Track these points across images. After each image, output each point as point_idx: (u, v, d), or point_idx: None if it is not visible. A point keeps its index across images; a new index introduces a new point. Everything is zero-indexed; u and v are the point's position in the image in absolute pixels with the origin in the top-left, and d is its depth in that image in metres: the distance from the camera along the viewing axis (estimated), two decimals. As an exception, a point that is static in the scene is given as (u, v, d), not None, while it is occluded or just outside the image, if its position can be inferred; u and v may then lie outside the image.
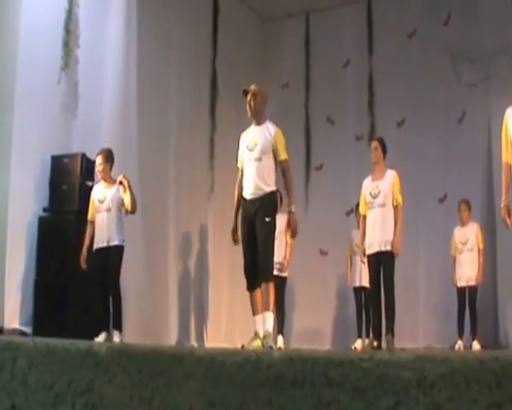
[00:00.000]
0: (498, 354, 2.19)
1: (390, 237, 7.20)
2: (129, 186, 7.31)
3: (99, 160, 7.48)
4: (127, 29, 8.74)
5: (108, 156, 7.51)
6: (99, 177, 7.56)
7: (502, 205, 5.49)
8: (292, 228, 6.22)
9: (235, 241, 6.43)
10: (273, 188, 6.25)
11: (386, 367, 2.18)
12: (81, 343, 3.00)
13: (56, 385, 2.83)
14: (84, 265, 7.22)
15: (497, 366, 2.10)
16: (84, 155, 7.69)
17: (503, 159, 5.55)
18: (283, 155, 6.27)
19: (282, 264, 9.13)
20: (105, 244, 7.30)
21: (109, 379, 2.71)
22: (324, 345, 10.55)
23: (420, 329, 10.24)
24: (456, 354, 2.18)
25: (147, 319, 8.39)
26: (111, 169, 7.52)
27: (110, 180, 7.53)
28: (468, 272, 9.19)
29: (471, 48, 10.72)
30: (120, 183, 7.36)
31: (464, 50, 10.78)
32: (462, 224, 9.39)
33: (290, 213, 6.20)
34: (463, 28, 10.73)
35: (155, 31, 9.25)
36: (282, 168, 6.29)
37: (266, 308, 6.10)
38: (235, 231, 6.42)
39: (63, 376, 2.83)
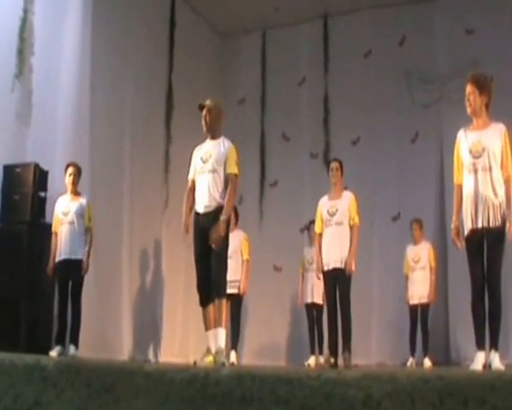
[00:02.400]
0: (443, 373, 2.20)
1: (346, 255, 7.24)
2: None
3: (72, 170, 7.48)
4: (82, 38, 8.64)
5: (79, 169, 7.57)
6: (68, 188, 7.54)
7: (452, 226, 5.55)
8: (215, 233, 6.05)
9: (186, 240, 6.30)
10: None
11: (334, 386, 2.18)
12: (29, 358, 2.93)
13: (3, 399, 2.76)
14: (50, 275, 7.18)
15: (441, 384, 2.12)
16: (37, 165, 7.56)
17: (455, 180, 5.62)
18: (233, 169, 6.21)
19: (238, 281, 9.09)
20: (68, 257, 7.28)
21: (57, 394, 2.65)
22: (278, 361, 10.52)
23: (373, 346, 10.30)
24: (402, 373, 2.19)
25: (100, 333, 8.27)
26: (78, 183, 7.55)
27: (77, 193, 7.56)
28: (420, 290, 9.28)
29: (425, 69, 10.91)
30: None
31: (418, 71, 10.95)
32: (415, 242, 9.50)
33: (221, 221, 6.06)
34: (418, 50, 10.92)
35: (110, 41, 9.16)
36: (228, 181, 6.21)
37: (219, 324, 6.06)
38: (186, 228, 6.29)
39: (10, 390, 2.77)
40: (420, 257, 9.41)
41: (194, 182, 6.38)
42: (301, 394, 2.16)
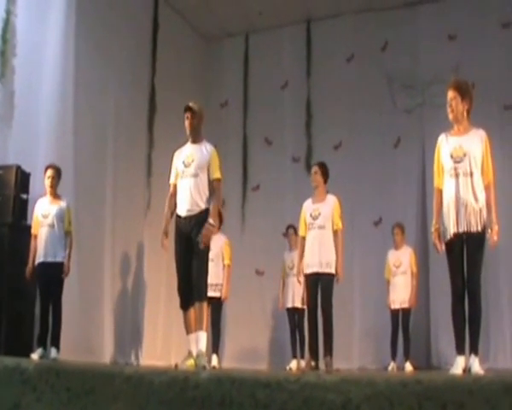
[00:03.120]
0: (421, 378, 2.21)
1: (328, 258, 7.24)
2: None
3: (51, 172, 7.46)
4: (65, 41, 8.60)
5: (59, 171, 7.54)
6: (47, 190, 7.51)
7: (433, 229, 5.59)
8: (205, 236, 6.09)
9: (164, 245, 6.34)
10: (208, 205, 6.22)
11: (313, 390, 2.18)
12: (8, 360, 2.91)
13: (-18, 402, 2.74)
14: (29, 277, 7.14)
15: (419, 388, 2.13)
16: (19, 167, 7.52)
17: (435, 184, 5.66)
18: (217, 174, 6.28)
19: (219, 285, 9.11)
20: (48, 260, 7.26)
21: (37, 397, 2.64)
22: (260, 365, 10.51)
23: (355, 350, 10.32)
24: (380, 377, 2.19)
25: (82, 336, 8.23)
26: (58, 185, 7.52)
27: (56, 196, 7.54)
28: (401, 294, 9.32)
29: (407, 74, 10.96)
30: None
31: (400, 77, 11.01)
32: (396, 247, 9.53)
33: (209, 224, 6.10)
34: (400, 55, 10.97)
35: (94, 44, 9.13)
36: (212, 187, 6.25)
37: (200, 328, 6.08)
38: (165, 234, 6.33)
39: (-11, 393, 2.75)
40: (401, 262, 9.44)
41: (175, 186, 6.40)
42: (280, 397, 2.16)
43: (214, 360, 8.99)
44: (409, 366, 9.09)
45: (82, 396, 2.55)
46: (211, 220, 6.10)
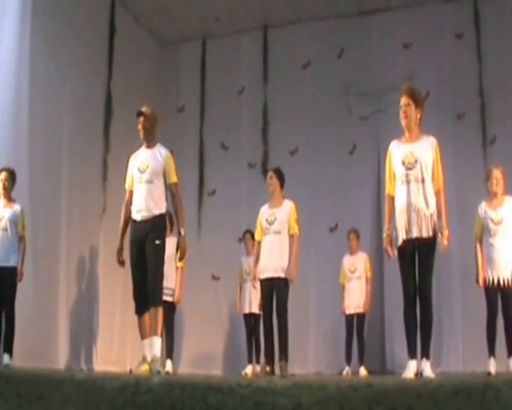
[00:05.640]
0: (372, 382, 2.23)
1: (284, 264, 7.27)
2: None
3: (4, 175, 7.40)
4: (20, 44, 8.48)
5: (13, 174, 7.47)
6: (1, 193, 7.45)
7: (384, 235, 5.65)
8: (181, 251, 6.19)
9: (121, 262, 6.38)
10: (163, 211, 6.25)
11: (264, 394, 2.19)
12: (-43, 367, 2.87)
13: None
14: None
15: (369, 392, 2.15)
16: (-30, 172, 7.43)
17: (387, 191, 5.75)
18: (173, 179, 6.31)
19: (172, 289, 9.10)
20: (1, 264, 7.19)
21: (-14, 404, 2.60)
22: (216, 370, 10.50)
23: (310, 355, 10.35)
24: (331, 381, 2.22)
25: (35, 342, 8.11)
26: (12, 189, 7.45)
27: (10, 199, 7.48)
28: (356, 299, 9.40)
29: (363, 82, 11.06)
30: None
31: (356, 84, 11.11)
32: (351, 252, 9.62)
33: (180, 235, 6.18)
34: (356, 63, 11.07)
35: (49, 46, 9.01)
36: (171, 191, 6.29)
37: (154, 333, 6.10)
38: (120, 251, 6.36)
39: None
40: (356, 267, 9.53)
41: (131, 192, 6.40)
42: (232, 402, 2.17)
43: (168, 366, 8.97)
44: (363, 371, 9.17)
45: (32, 402, 2.52)
46: (182, 231, 6.20)
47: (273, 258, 7.30)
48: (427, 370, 5.27)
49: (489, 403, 2.11)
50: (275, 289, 7.28)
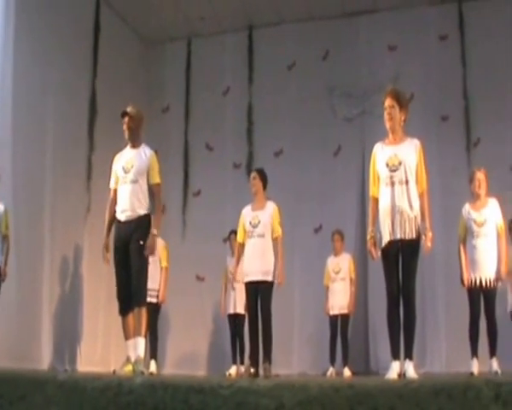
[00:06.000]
0: (354, 383, 2.24)
1: (268, 267, 7.28)
2: None
3: None
4: (3, 44, 8.44)
5: None
6: None
7: (368, 237, 5.67)
8: (149, 247, 6.14)
9: (106, 259, 6.35)
10: (148, 211, 6.23)
11: (246, 395, 2.19)
12: None
13: None
14: None
15: (351, 393, 2.16)
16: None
17: (371, 193, 5.76)
18: (156, 179, 6.31)
19: (156, 290, 9.09)
20: None
21: (-32, 405, 2.59)
22: (200, 371, 10.50)
23: (294, 356, 10.36)
24: (313, 382, 2.22)
25: (19, 342, 8.07)
26: None
27: None
28: (340, 300, 9.42)
29: (348, 83, 11.09)
30: None
31: (341, 86, 11.13)
32: (336, 254, 9.65)
33: (152, 235, 6.15)
34: (341, 64, 11.10)
35: (33, 46, 8.98)
36: (152, 192, 6.27)
37: (138, 333, 6.08)
38: (106, 248, 6.34)
39: None
40: (340, 268, 9.56)
41: (115, 192, 6.38)
42: (214, 403, 2.17)
43: (152, 366, 8.95)
44: (347, 372, 9.19)
45: (14, 403, 2.51)
46: (154, 231, 6.16)
47: (257, 261, 7.31)
48: (411, 371, 5.29)
49: (470, 403, 2.12)
50: (259, 293, 7.30)
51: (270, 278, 7.27)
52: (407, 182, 5.49)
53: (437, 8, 10.77)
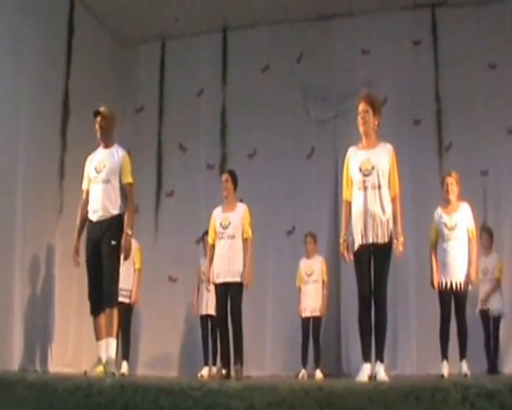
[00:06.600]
0: (323, 384, 2.25)
1: (239, 268, 7.31)
2: None
3: None
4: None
5: None
6: None
7: (341, 240, 5.70)
8: (125, 249, 6.13)
9: (77, 262, 6.33)
10: (120, 211, 6.21)
11: (216, 396, 2.20)
12: None
13: None
14: None
15: (321, 395, 2.18)
16: None
17: (344, 197, 5.80)
18: (128, 179, 6.29)
19: (129, 291, 9.07)
20: None
21: None
22: (172, 372, 10.48)
23: (267, 357, 10.38)
24: (283, 384, 2.24)
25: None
26: None
27: None
28: (312, 302, 9.44)
29: (321, 87, 11.13)
30: None
31: (315, 89, 11.16)
32: (308, 256, 9.66)
33: (126, 234, 6.13)
34: (315, 67, 11.13)
35: (4, 45, 8.91)
36: (125, 192, 6.25)
37: (110, 334, 6.06)
38: (76, 251, 6.32)
39: None
40: (313, 270, 9.57)
41: (88, 193, 6.36)
42: (184, 404, 2.17)
43: (124, 367, 8.92)
44: (319, 374, 9.20)
45: (-17, 404, 2.49)
46: (129, 231, 6.14)
47: (228, 262, 7.35)
48: (381, 373, 5.33)
49: (438, 405, 2.15)
50: (229, 294, 7.31)
51: (240, 279, 7.29)
52: (379, 186, 5.52)
53: (411, 13, 10.86)
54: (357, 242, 5.54)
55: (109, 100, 8.51)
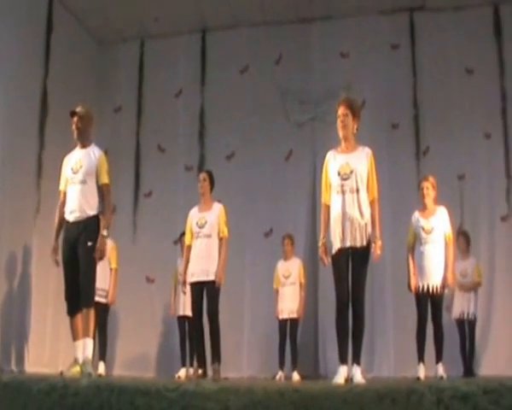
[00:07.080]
0: (299, 387, 2.26)
1: (214, 267, 7.29)
2: None
3: None
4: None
5: None
6: None
7: (320, 244, 5.72)
8: (99, 250, 6.11)
9: (56, 262, 6.30)
10: (96, 211, 6.19)
11: (191, 398, 2.20)
12: None
13: None
14: None
15: (296, 397, 2.18)
16: None
17: (323, 200, 5.81)
18: (105, 179, 6.27)
19: (105, 290, 9.03)
20: None
21: None
22: (149, 373, 10.45)
23: (244, 359, 10.36)
24: (258, 386, 2.24)
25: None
26: None
27: None
28: (289, 304, 9.45)
29: (300, 89, 11.15)
30: None
31: (293, 91, 11.19)
32: (286, 258, 9.67)
33: (102, 236, 6.12)
34: (294, 70, 11.16)
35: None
36: (101, 192, 6.24)
37: (86, 334, 6.04)
38: (55, 251, 6.29)
39: None
40: (290, 273, 9.58)
41: (65, 194, 6.35)
42: (159, 405, 2.17)
43: (101, 368, 8.88)
44: (296, 376, 9.21)
45: (-44, 405, 2.47)
46: (104, 232, 6.12)
47: (203, 261, 7.34)
48: (358, 375, 5.34)
49: (413, 408, 2.16)
50: (205, 293, 7.30)
51: (215, 278, 7.28)
52: (358, 190, 5.54)
53: (389, 17, 10.91)
54: (336, 245, 5.55)
55: (87, 99, 8.48)
